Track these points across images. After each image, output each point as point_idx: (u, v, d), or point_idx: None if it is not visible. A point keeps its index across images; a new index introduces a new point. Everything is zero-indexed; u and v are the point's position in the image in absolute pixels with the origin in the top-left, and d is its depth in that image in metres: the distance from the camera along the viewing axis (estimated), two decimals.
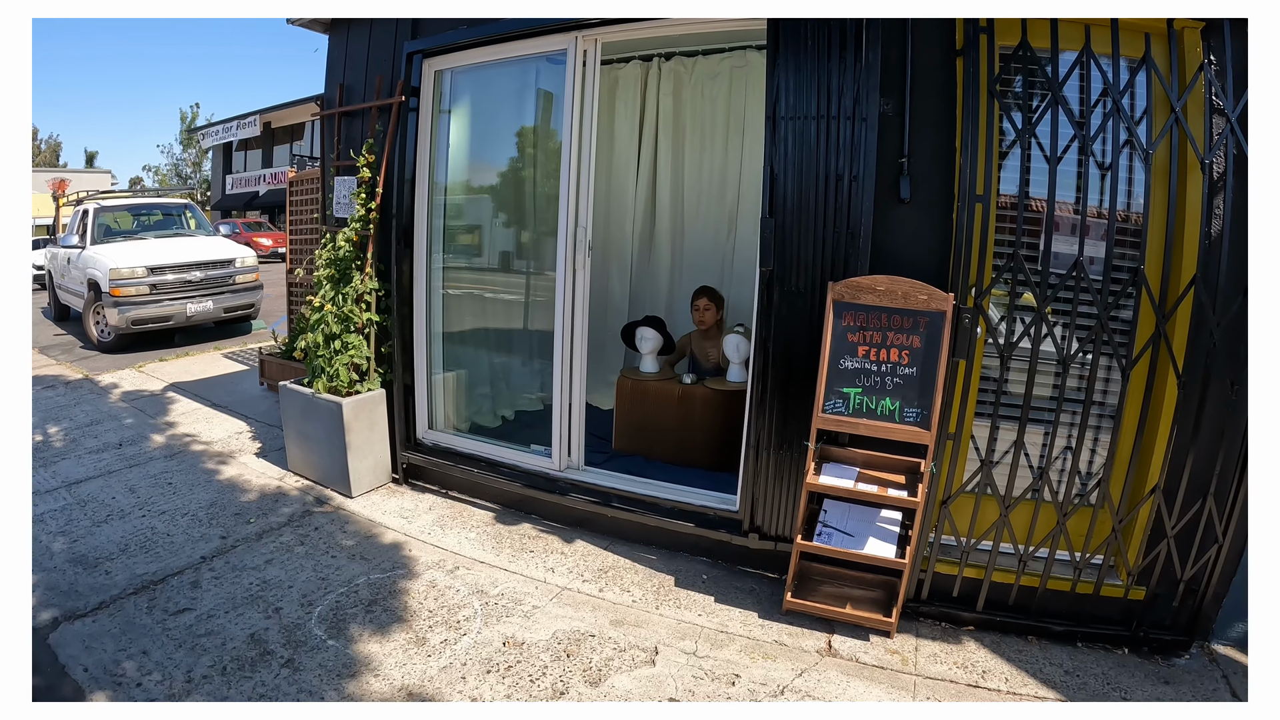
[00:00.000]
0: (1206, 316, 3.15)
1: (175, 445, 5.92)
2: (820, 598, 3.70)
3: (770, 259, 3.71)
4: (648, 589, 3.96)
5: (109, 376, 8.27)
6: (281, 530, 4.48)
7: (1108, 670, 3.37)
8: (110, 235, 11.08)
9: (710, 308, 5.56)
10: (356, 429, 4.91)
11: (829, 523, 3.71)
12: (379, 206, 4.96)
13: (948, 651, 3.49)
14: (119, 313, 9.76)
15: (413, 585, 3.92)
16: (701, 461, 5.09)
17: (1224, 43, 3.10)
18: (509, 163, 5.34)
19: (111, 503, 4.80)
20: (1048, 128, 3.27)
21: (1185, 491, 3.30)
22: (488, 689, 3.12)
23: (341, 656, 3.31)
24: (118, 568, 3.99)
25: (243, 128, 32.50)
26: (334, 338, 4.92)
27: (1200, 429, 3.25)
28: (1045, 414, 3.51)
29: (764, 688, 3.18)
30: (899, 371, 3.46)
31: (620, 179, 6.50)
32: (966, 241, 3.33)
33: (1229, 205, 3.11)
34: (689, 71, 6.03)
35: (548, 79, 4.77)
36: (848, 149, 3.50)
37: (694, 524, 4.19)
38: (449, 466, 4.98)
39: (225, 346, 10.15)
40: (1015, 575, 3.56)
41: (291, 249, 8.00)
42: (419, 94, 4.85)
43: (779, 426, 3.85)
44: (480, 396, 5.63)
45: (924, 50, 3.44)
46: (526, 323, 5.52)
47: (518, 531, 4.56)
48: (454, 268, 5.30)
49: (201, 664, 3.22)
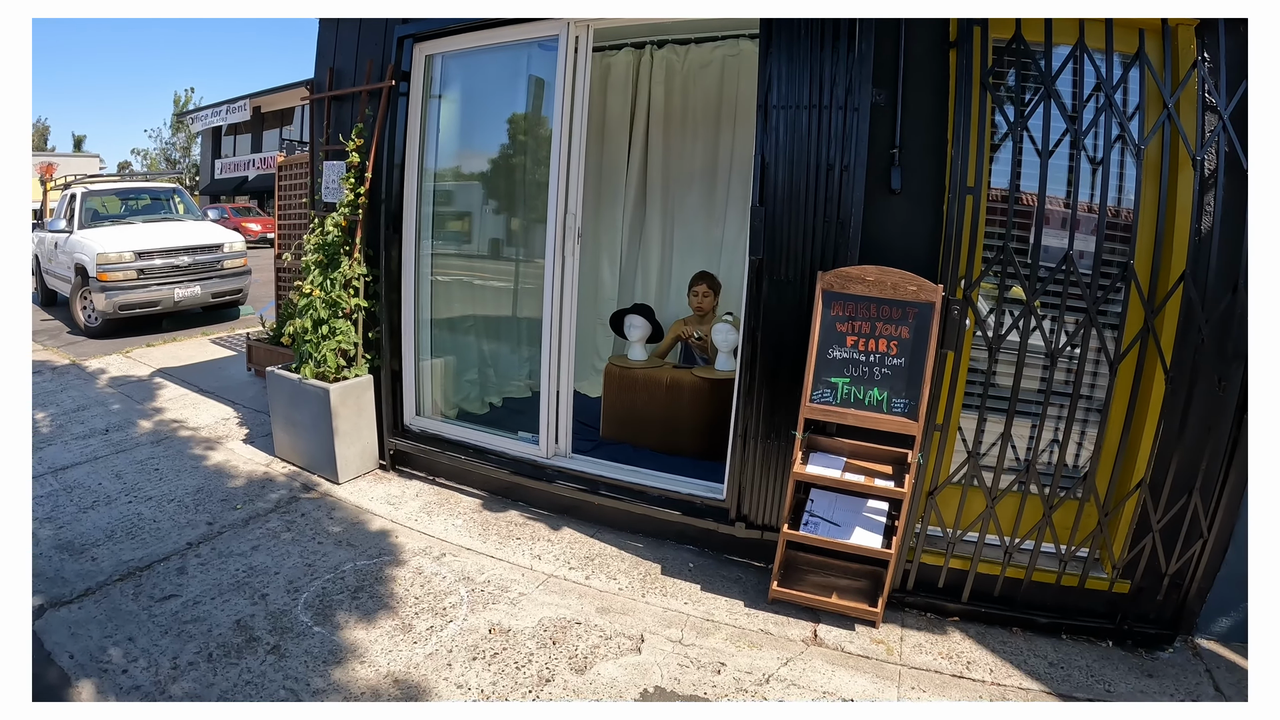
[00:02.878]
0: (1195, 312, 3.16)
1: (162, 431, 5.89)
2: (806, 587, 3.71)
3: (760, 248, 3.70)
4: (634, 577, 3.96)
5: (96, 362, 8.21)
6: (268, 516, 4.47)
7: (1092, 663, 3.39)
8: (98, 220, 10.99)
9: (709, 293, 5.56)
10: (344, 415, 4.89)
11: (816, 512, 3.71)
12: (368, 191, 4.92)
13: (933, 642, 3.50)
14: (106, 298, 9.69)
15: (399, 572, 3.91)
16: (689, 450, 5.09)
17: (1218, 40, 3.09)
18: (499, 149, 5.33)
19: (98, 489, 4.78)
20: (1040, 121, 3.27)
21: (1171, 486, 3.32)
22: (474, 676, 3.12)
23: (328, 643, 3.30)
24: (104, 554, 3.97)
25: (232, 112, 32.24)
26: (322, 323, 4.90)
27: (1187, 424, 3.27)
28: (1033, 407, 3.53)
29: (749, 676, 3.19)
30: (887, 362, 3.46)
31: (611, 166, 6.49)
32: (957, 234, 3.33)
33: (1220, 202, 3.11)
34: (681, 59, 6.01)
35: (539, 65, 4.75)
36: (839, 139, 3.49)
37: (681, 512, 4.19)
38: (436, 453, 4.97)
39: (213, 332, 10.09)
40: (1001, 567, 3.58)
41: (280, 234, 7.95)
42: (409, 79, 4.81)
43: (767, 415, 3.85)
44: (468, 383, 5.62)
45: (917, 41, 3.43)
46: (515, 309, 5.51)
47: (505, 518, 4.56)
48: (443, 254, 5.29)
49: (188, 651, 3.21)
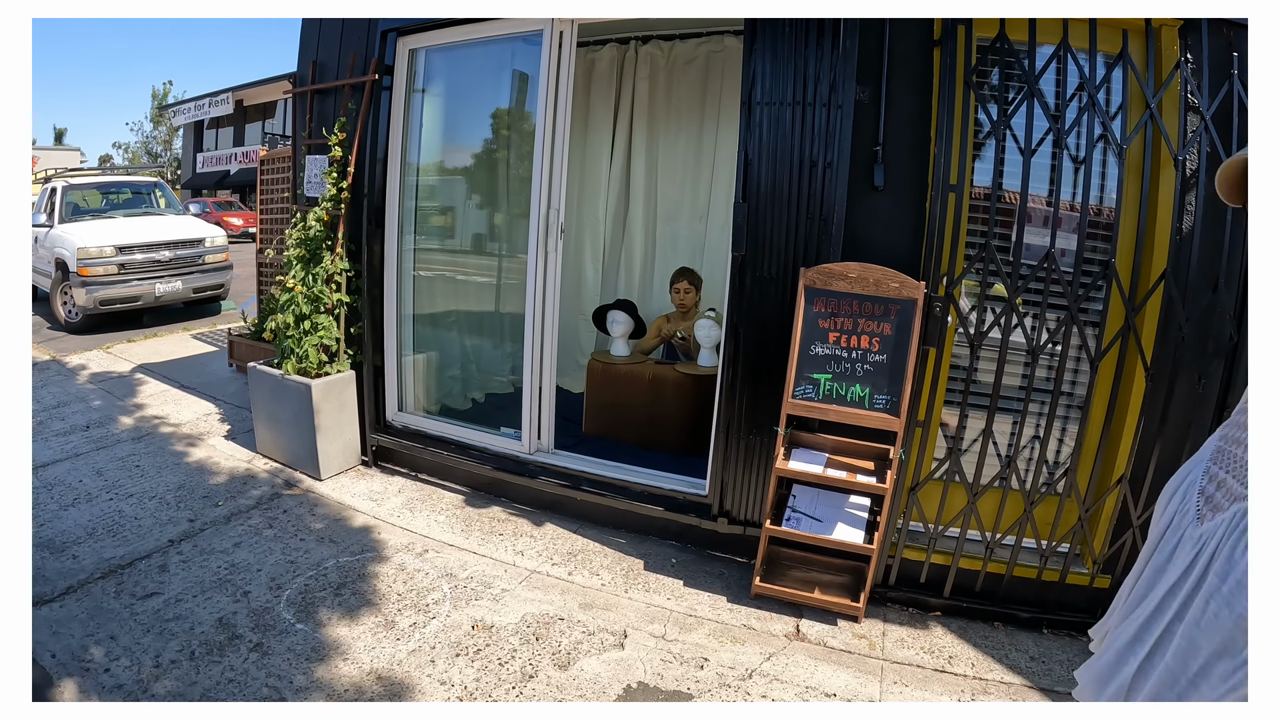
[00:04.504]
0: (1176, 311, 3.18)
1: (143, 427, 5.84)
2: (789, 582, 3.72)
3: (743, 244, 3.70)
4: (617, 572, 3.96)
5: (77, 358, 8.13)
6: (250, 513, 4.44)
7: (1073, 657, 3.41)
8: (78, 214, 10.84)
9: (690, 290, 5.56)
10: (326, 411, 4.87)
11: (798, 508, 3.72)
12: (350, 186, 4.88)
13: (915, 636, 3.52)
14: (87, 293, 9.58)
15: (382, 568, 3.90)
16: (672, 445, 5.09)
17: (1201, 41, 3.12)
18: (483, 144, 5.30)
19: (79, 486, 4.73)
20: (1023, 120, 3.29)
21: (1151, 482, 3.35)
22: (457, 672, 3.11)
23: (310, 640, 3.29)
24: (85, 552, 3.93)
25: (215, 105, 32.03)
26: (304, 318, 4.86)
27: (1167, 421, 3.30)
28: (1014, 403, 3.55)
29: (732, 671, 3.20)
30: (869, 358, 3.47)
31: (594, 162, 6.48)
32: (939, 231, 3.34)
33: (1201, 202, 3.14)
34: (666, 56, 6.01)
35: (524, 60, 4.73)
36: (823, 136, 3.50)
37: (663, 508, 4.19)
38: (419, 449, 4.95)
39: (194, 327, 10.01)
40: (982, 562, 3.60)
41: (262, 229, 7.89)
42: (393, 72, 4.78)
43: (749, 411, 3.85)
44: (450, 379, 5.60)
45: (901, 39, 3.44)
46: (498, 305, 5.49)
47: (487, 514, 4.55)
48: (426, 249, 5.26)
49: (170, 649, 3.18)
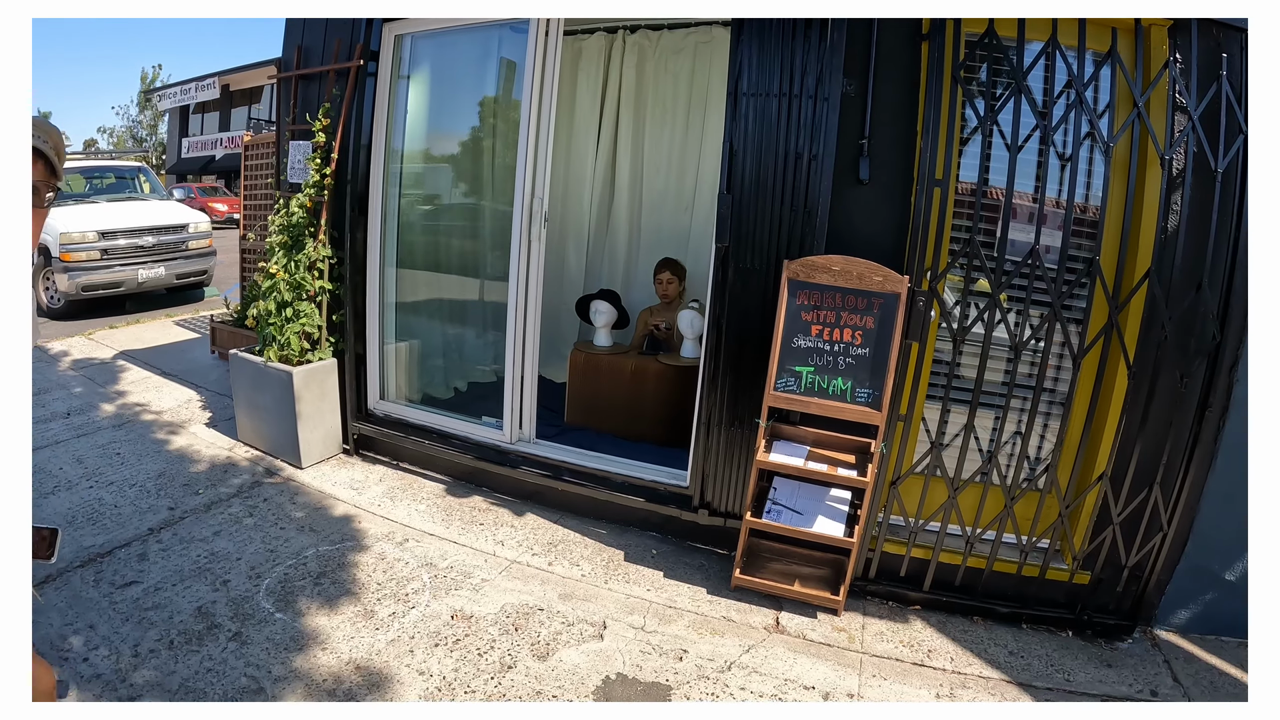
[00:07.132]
0: (1159, 309, 3.19)
1: (124, 415, 5.79)
2: (769, 575, 3.72)
3: (727, 235, 3.69)
4: (597, 563, 3.96)
5: (58, 344, 8.04)
6: (230, 501, 4.41)
7: (1051, 652, 3.43)
8: (61, 198, 10.67)
9: (673, 280, 5.54)
10: (307, 399, 4.83)
11: (779, 500, 3.72)
12: (334, 172, 4.83)
13: (894, 630, 3.53)
14: (69, 278, 9.49)
15: (362, 558, 3.88)
16: (653, 436, 5.09)
17: (1190, 41, 3.12)
18: (468, 131, 5.25)
19: (59, 474, 4.67)
20: (1010, 116, 3.29)
21: (1132, 479, 3.37)
22: (436, 663, 3.10)
23: (290, 630, 3.27)
24: (64, 540, 3.87)
25: (201, 90, 31.78)
26: (286, 305, 4.82)
27: (1149, 419, 3.31)
28: (996, 399, 3.55)
29: (711, 663, 3.20)
30: (852, 352, 3.47)
31: (580, 151, 6.45)
32: (924, 225, 3.34)
33: (1186, 202, 3.14)
34: (653, 45, 5.98)
35: (510, 48, 4.68)
36: (808, 128, 3.49)
37: (644, 499, 4.19)
38: (400, 438, 4.93)
39: (177, 314, 9.90)
40: (962, 556, 3.61)
41: (245, 214, 7.82)
42: (378, 58, 4.73)
43: (731, 403, 3.85)
44: (433, 367, 5.57)
45: (889, 33, 3.43)
46: (481, 294, 5.45)
47: (468, 504, 4.53)
48: (409, 236, 5.21)
49: (149, 638, 3.16)
